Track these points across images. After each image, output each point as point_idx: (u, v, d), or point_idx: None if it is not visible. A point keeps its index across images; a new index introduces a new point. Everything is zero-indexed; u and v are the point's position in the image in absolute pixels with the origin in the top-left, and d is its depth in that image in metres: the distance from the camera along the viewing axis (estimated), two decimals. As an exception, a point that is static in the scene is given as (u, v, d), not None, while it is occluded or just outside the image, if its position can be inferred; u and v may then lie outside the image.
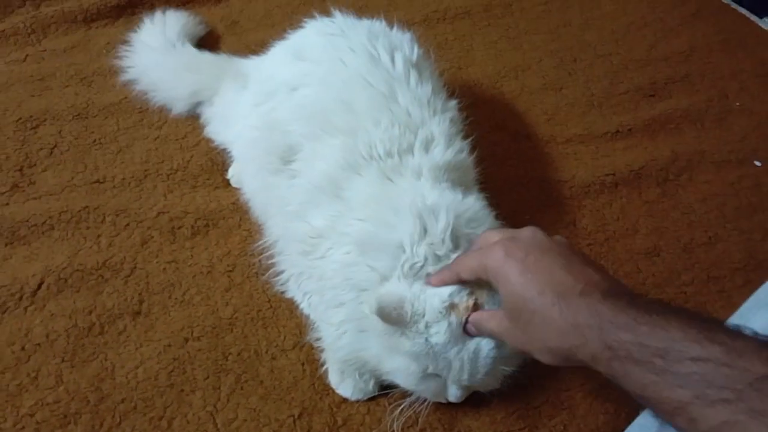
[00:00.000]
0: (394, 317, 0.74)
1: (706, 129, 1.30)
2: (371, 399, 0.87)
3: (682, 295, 1.00)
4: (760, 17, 1.59)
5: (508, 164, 1.19)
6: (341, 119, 0.93)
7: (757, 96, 1.38)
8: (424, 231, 0.78)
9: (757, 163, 1.24)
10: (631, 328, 0.55)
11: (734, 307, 0.68)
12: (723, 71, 1.44)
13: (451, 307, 0.74)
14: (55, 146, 1.18)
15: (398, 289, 0.76)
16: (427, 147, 0.91)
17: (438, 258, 0.77)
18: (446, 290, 0.74)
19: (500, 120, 1.29)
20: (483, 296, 0.74)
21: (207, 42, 1.42)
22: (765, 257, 1.08)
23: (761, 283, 0.67)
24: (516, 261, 0.63)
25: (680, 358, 0.51)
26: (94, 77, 1.33)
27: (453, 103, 1.04)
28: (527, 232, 0.68)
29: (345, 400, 0.87)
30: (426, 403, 0.82)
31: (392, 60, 0.99)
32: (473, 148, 1.00)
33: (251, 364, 0.90)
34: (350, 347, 0.82)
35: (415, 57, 1.03)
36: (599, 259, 1.05)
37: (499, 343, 0.74)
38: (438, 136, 0.93)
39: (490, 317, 0.70)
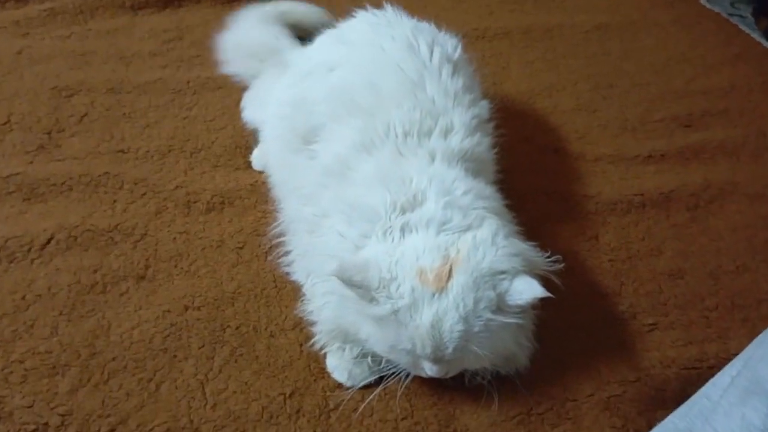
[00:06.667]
0: (357, 281, 0.73)
1: (741, 162, 1.26)
2: (366, 387, 0.83)
3: (704, 319, 0.95)
4: (804, 64, 1.56)
5: (533, 175, 1.17)
6: (365, 99, 0.93)
7: (796, 138, 1.34)
8: (399, 195, 0.80)
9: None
10: None
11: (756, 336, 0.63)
12: (763, 110, 1.40)
13: (420, 272, 0.73)
14: (86, 115, 1.20)
15: (369, 253, 0.75)
16: (445, 134, 0.91)
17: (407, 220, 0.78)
18: (417, 254, 0.74)
19: (529, 134, 1.28)
20: (458, 261, 0.73)
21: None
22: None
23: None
24: None
25: None
26: (133, 59, 1.36)
27: (484, 103, 1.03)
28: None
29: (340, 386, 0.84)
30: (409, 376, 0.80)
31: (430, 53, 0.99)
32: (500, 157, 0.99)
33: (248, 339, 0.88)
34: (332, 316, 0.81)
35: (456, 56, 1.03)
36: (620, 276, 1.01)
37: (468, 319, 0.72)
38: (458, 126, 0.92)
39: None
